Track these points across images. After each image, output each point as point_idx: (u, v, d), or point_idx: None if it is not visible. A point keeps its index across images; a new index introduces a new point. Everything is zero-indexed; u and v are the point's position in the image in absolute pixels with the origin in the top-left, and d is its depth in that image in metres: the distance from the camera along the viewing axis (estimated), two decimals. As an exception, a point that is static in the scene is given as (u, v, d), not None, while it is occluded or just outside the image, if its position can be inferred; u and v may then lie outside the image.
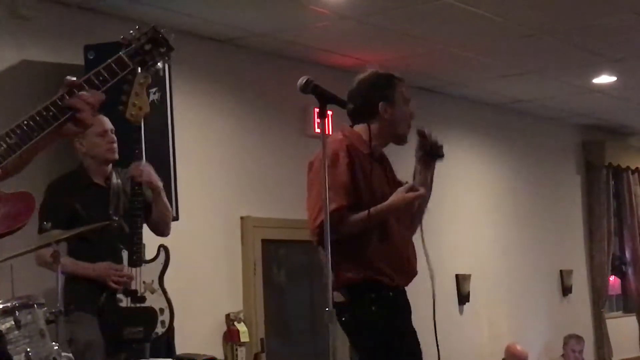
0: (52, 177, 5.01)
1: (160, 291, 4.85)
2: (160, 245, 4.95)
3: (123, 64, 2.54)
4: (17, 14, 5.72)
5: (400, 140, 4.17)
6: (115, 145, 4.88)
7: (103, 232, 4.76)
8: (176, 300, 5.26)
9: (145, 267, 4.82)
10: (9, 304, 3.90)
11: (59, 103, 2.41)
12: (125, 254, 4.77)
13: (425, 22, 6.84)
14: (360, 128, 4.07)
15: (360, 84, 4.14)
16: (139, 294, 4.77)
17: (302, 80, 3.51)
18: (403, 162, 4.41)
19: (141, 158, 4.81)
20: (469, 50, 7.64)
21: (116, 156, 4.90)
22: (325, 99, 3.51)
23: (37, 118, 2.40)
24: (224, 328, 6.86)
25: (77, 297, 4.70)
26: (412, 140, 4.25)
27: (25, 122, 2.40)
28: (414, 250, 4.16)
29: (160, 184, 4.89)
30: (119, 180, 4.94)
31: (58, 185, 4.89)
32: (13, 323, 3.83)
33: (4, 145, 2.38)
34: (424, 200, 4.16)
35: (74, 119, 2.44)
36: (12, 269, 4.84)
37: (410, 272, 4.13)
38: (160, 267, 4.89)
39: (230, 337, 6.84)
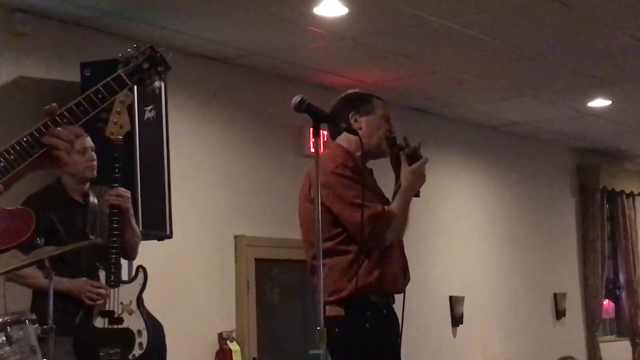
0: (27, 190, 4.94)
1: (138, 312, 4.75)
2: (139, 266, 4.87)
3: (122, 82, 2.53)
4: (14, 30, 5.74)
5: (374, 153, 4.19)
6: (95, 163, 4.82)
7: (80, 251, 4.69)
8: (169, 319, 5.26)
9: (123, 288, 4.74)
10: (0, 320, 3.89)
11: (37, 136, 2.37)
12: (102, 274, 4.71)
13: (421, 44, 6.87)
14: (341, 140, 4.13)
15: (338, 99, 4.24)
16: (116, 315, 4.69)
17: (296, 99, 3.52)
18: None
19: (121, 179, 4.76)
20: (465, 72, 7.67)
21: (94, 174, 4.85)
22: (319, 118, 3.52)
23: (18, 148, 2.37)
24: (217, 347, 6.84)
25: (47, 317, 4.57)
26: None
27: (7, 150, 2.37)
28: (406, 259, 4.20)
29: (129, 206, 4.82)
30: (96, 199, 4.88)
31: (36, 199, 4.71)
32: (4, 339, 3.82)
33: None
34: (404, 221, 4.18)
35: (49, 156, 2.40)
36: (4, 285, 4.84)
37: (407, 278, 4.16)
38: (138, 288, 4.80)
39: (223, 356, 6.82)
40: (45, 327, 4.20)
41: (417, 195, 4.18)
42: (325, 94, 7.40)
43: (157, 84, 2.65)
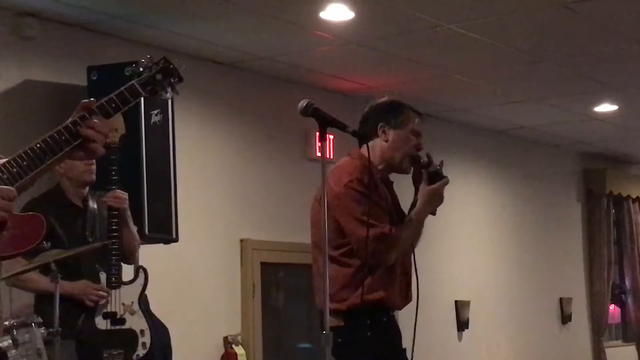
0: (27, 195, 4.94)
1: (140, 313, 4.79)
2: (139, 267, 4.90)
3: (135, 92, 2.56)
4: (21, 34, 5.75)
5: (397, 168, 4.14)
6: (94, 167, 4.83)
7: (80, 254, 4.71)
8: (174, 322, 5.26)
9: (124, 289, 4.77)
10: (7, 323, 3.90)
11: (72, 128, 2.42)
12: (103, 276, 4.73)
13: (428, 48, 6.87)
14: (365, 150, 4.06)
15: (370, 107, 4.17)
16: (118, 316, 4.72)
17: (302, 103, 3.51)
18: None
19: (118, 182, 4.78)
20: (471, 76, 7.67)
21: (93, 178, 4.86)
22: (325, 122, 3.51)
23: (50, 142, 2.41)
24: (222, 351, 6.84)
25: (51, 320, 4.52)
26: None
27: (38, 145, 2.40)
28: (412, 276, 4.17)
29: (126, 207, 4.84)
30: (95, 204, 4.90)
31: (36, 203, 4.69)
32: (10, 342, 3.83)
33: (16, 168, 2.39)
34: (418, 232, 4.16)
35: (84, 147, 2.45)
36: (11, 290, 4.84)
37: (408, 298, 4.13)
38: (139, 289, 4.84)
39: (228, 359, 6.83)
40: (51, 330, 4.21)
41: (432, 213, 4.14)
42: (331, 98, 7.45)
43: (169, 95, 2.66)
